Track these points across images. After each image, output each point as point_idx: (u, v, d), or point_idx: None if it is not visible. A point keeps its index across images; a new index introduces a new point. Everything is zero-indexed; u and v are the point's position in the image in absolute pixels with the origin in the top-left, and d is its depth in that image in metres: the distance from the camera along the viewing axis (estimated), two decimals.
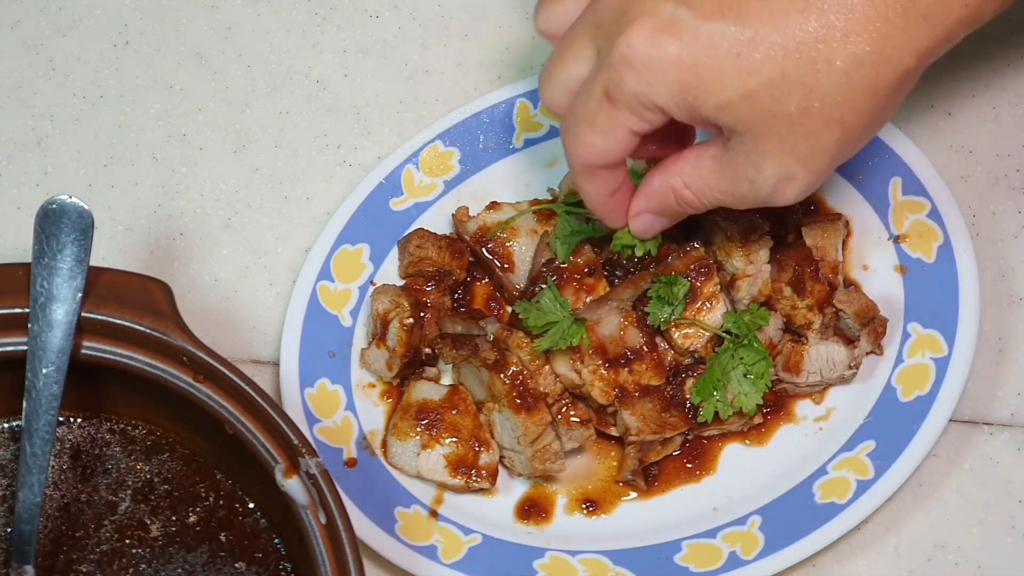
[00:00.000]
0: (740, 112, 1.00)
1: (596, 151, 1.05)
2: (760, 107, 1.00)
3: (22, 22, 1.33)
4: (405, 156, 1.25)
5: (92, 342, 1.07)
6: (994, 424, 1.20)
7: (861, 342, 1.19)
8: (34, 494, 1.05)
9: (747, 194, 1.04)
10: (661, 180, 1.08)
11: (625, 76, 1.01)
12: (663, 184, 1.07)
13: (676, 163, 1.07)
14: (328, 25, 1.33)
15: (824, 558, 1.17)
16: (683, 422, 1.17)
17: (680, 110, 1.01)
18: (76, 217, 1.06)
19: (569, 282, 1.19)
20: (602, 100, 1.03)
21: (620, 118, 1.03)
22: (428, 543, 1.15)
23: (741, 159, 1.02)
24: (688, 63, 0.99)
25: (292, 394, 1.18)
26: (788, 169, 1.02)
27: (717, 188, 1.05)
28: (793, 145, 1.01)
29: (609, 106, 1.03)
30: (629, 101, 1.02)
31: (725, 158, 1.03)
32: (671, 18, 0.99)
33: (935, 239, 1.21)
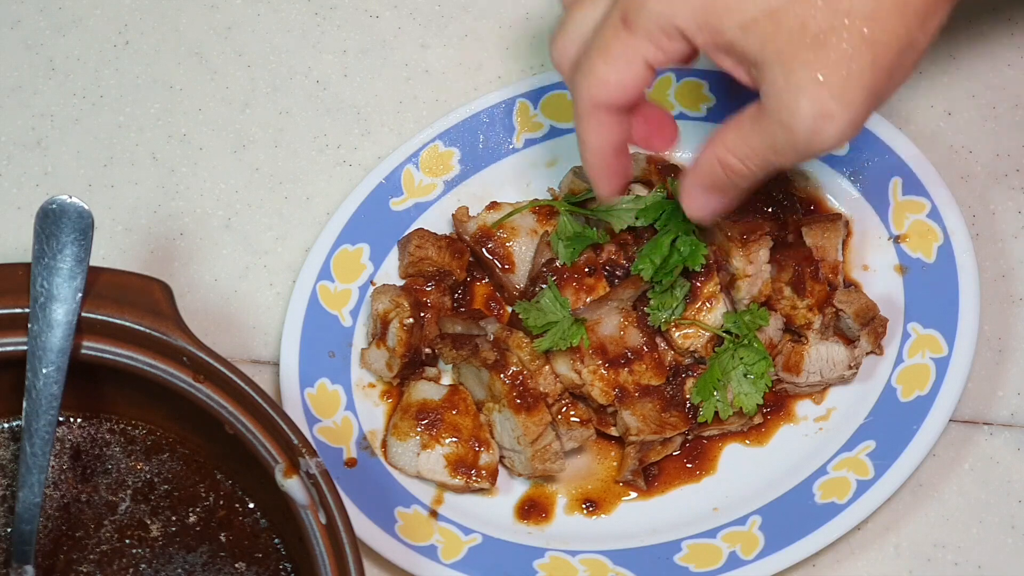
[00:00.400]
0: (765, 31, 0.95)
1: (608, 85, 1.00)
2: (785, 25, 0.95)
3: (22, 22, 1.33)
4: (405, 156, 1.25)
5: (92, 342, 1.07)
6: (994, 424, 1.21)
7: (861, 342, 1.19)
8: (34, 494, 1.05)
9: (786, 143, 0.98)
10: (706, 154, 1.03)
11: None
12: (708, 157, 1.02)
13: (719, 133, 1.02)
14: (328, 25, 1.33)
15: (824, 558, 1.17)
16: (683, 422, 1.17)
17: (702, 32, 0.97)
18: (76, 217, 1.06)
19: (569, 282, 1.19)
20: (618, 26, 0.98)
21: (637, 45, 0.98)
22: (428, 543, 1.15)
23: (773, 102, 0.97)
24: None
25: (292, 394, 1.18)
26: (823, 104, 0.96)
27: (759, 145, 0.99)
28: (825, 73, 0.95)
29: (626, 32, 0.98)
30: (647, 25, 0.97)
31: (760, 112, 0.98)
32: None
33: (935, 239, 1.21)
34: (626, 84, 1.00)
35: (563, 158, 1.26)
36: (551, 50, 1.03)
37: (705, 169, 1.03)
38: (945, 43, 1.30)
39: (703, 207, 1.06)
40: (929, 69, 1.30)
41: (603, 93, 1.00)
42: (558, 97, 1.27)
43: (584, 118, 1.03)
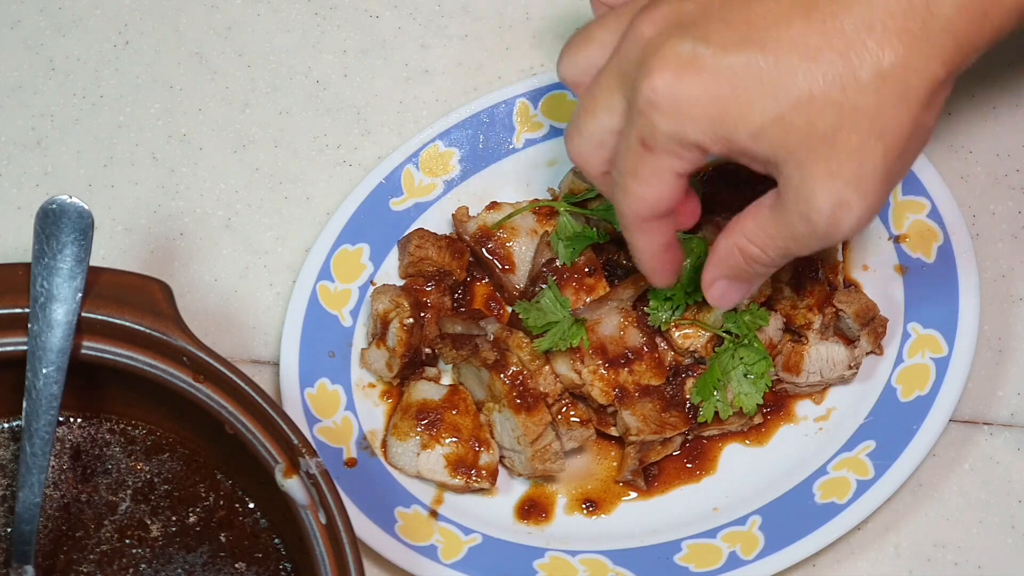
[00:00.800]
0: (775, 137, 0.99)
1: (646, 201, 1.03)
2: (794, 129, 0.98)
3: (22, 22, 1.33)
4: (405, 156, 1.25)
5: (92, 342, 1.07)
6: (994, 424, 1.21)
7: (861, 342, 1.19)
8: (34, 494, 1.05)
9: (806, 233, 1.01)
10: (725, 242, 1.05)
11: (655, 120, 1.00)
12: (728, 246, 1.05)
13: (737, 222, 1.05)
14: (328, 25, 1.33)
15: (824, 558, 1.17)
16: (683, 422, 1.17)
17: (716, 143, 1.00)
18: (76, 217, 1.06)
19: (569, 282, 1.19)
20: (639, 149, 1.02)
21: (661, 163, 1.01)
22: (428, 543, 1.15)
23: (792, 195, 1.00)
24: (714, 97, 0.99)
25: (292, 394, 1.18)
26: (839, 195, 0.99)
27: (778, 236, 1.02)
28: (838, 167, 0.99)
29: (648, 154, 1.01)
30: (665, 144, 1.00)
31: (779, 203, 1.02)
32: (691, 55, 0.99)
33: (935, 239, 1.21)
34: (663, 196, 1.03)
35: (563, 158, 1.26)
36: (569, 148, 1.07)
37: (725, 258, 1.06)
38: None
39: (726, 296, 1.08)
40: None
41: (645, 209, 1.04)
42: (558, 97, 1.27)
43: (633, 231, 1.06)
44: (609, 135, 1.04)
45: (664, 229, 1.06)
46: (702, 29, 0.99)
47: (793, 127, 0.98)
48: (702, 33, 0.99)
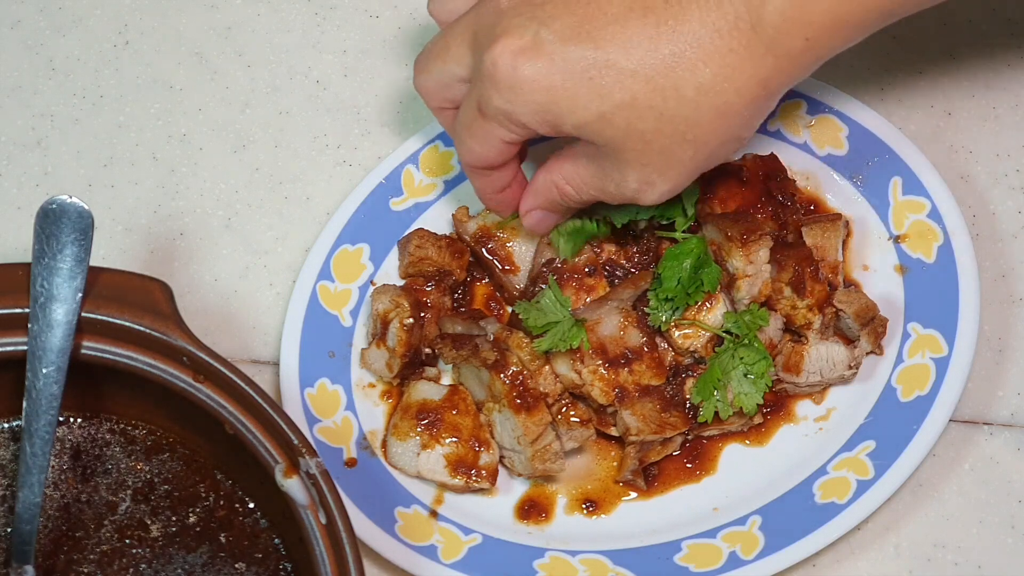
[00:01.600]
0: (597, 130, 1.06)
1: (476, 155, 1.12)
2: (615, 126, 1.05)
3: (22, 22, 1.33)
4: (405, 156, 1.25)
5: (92, 342, 1.07)
6: (994, 424, 1.21)
7: (861, 342, 1.19)
8: (34, 494, 1.05)
9: (615, 193, 1.10)
10: (544, 178, 1.14)
11: (491, 94, 1.07)
12: (546, 181, 1.14)
13: (557, 161, 1.13)
14: (328, 25, 1.33)
15: (824, 558, 1.17)
16: (683, 422, 1.17)
17: (542, 126, 1.07)
18: (76, 217, 1.06)
19: (569, 282, 1.19)
20: (475, 112, 1.09)
21: (492, 129, 1.10)
22: (428, 543, 1.15)
23: (607, 164, 1.09)
24: (545, 85, 1.05)
25: (292, 394, 1.18)
26: (647, 177, 1.08)
27: (591, 184, 1.11)
28: (649, 159, 1.07)
29: (482, 118, 1.09)
30: (496, 116, 1.08)
31: (595, 160, 1.09)
32: (533, 39, 1.05)
33: (935, 239, 1.21)
34: (491, 154, 1.12)
35: None
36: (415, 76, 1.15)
37: (543, 192, 1.15)
38: (945, 43, 1.30)
39: (540, 223, 1.17)
40: (929, 69, 1.30)
41: (474, 160, 1.13)
42: None
43: (468, 173, 1.16)
44: (453, 80, 1.12)
45: (497, 176, 1.15)
46: (548, 13, 1.05)
47: (615, 124, 1.05)
48: (548, 15, 1.05)
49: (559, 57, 1.05)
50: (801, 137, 1.25)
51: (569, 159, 1.12)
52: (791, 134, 1.25)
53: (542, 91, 1.06)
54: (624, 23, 1.04)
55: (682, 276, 1.16)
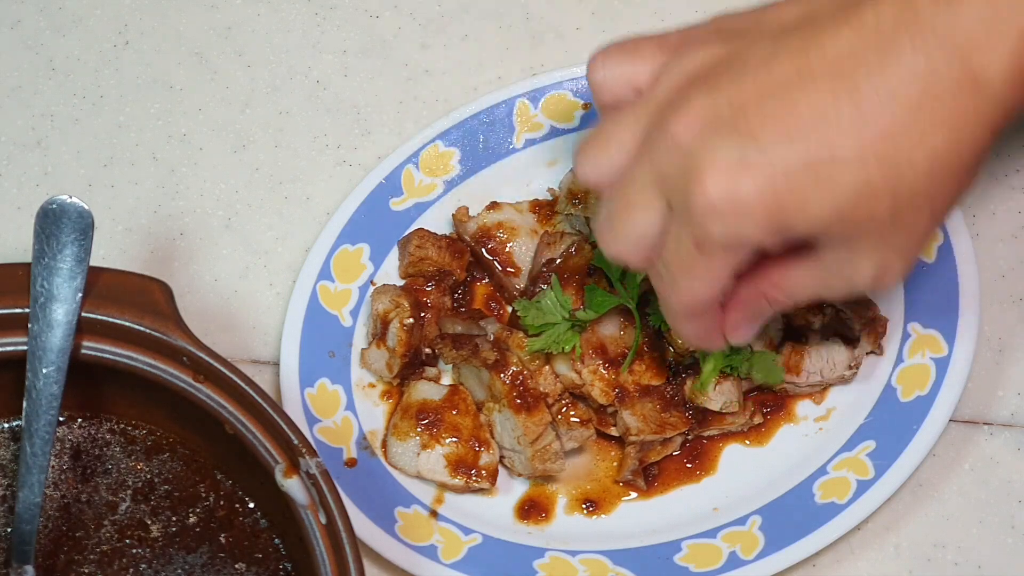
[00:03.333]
0: (831, 228, 0.98)
1: (700, 297, 1.03)
2: (850, 220, 0.97)
3: (22, 22, 1.33)
4: (405, 156, 1.25)
5: (92, 342, 1.07)
6: (994, 424, 1.20)
7: (861, 342, 1.19)
8: (34, 494, 1.05)
9: (842, 289, 1.02)
10: (750, 290, 1.05)
11: (711, 225, 0.98)
12: (754, 293, 1.05)
13: (764, 272, 1.04)
14: (328, 25, 1.33)
15: (824, 558, 1.17)
16: (683, 422, 1.17)
17: (772, 238, 0.99)
18: (76, 217, 1.06)
19: (569, 282, 1.18)
20: (694, 252, 1.00)
21: (717, 262, 1.00)
22: (428, 543, 1.15)
23: (835, 263, 1.00)
24: (769, 194, 0.96)
25: (292, 394, 1.18)
26: (884, 262, 1.00)
27: (811, 287, 1.03)
28: (888, 243, 0.99)
29: (703, 256, 1.00)
30: (722, 246, 0.99)
31: (817, 264, 1.01)
32: (739, 157, 0.96)
33: (935, 239, 1.21)
34: (715, 291, 1.02)
35: (563, 158, 1.26)
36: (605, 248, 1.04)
37: (752, 305, 1.05)
38: None
39: (748, 334, 1.08)
40: None
41: (697, 304, 1.03)
42: (558, 97, 1.27)
43: (682, 320, 1.06)
44: (648, 235, 1.02)
45: (712, 315, 1.05)
46: (744, 126, 0.97)
47: (851, 217, 0.97)
48: (746, 131, 0.96)
49: (776, 162, 0.96)
50: None
51: (779, 270, 1.03)
52: None
53: (768, 201, 0.96)
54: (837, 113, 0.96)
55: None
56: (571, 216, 1.23)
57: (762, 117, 0.97)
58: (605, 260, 1.17)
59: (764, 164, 0.96)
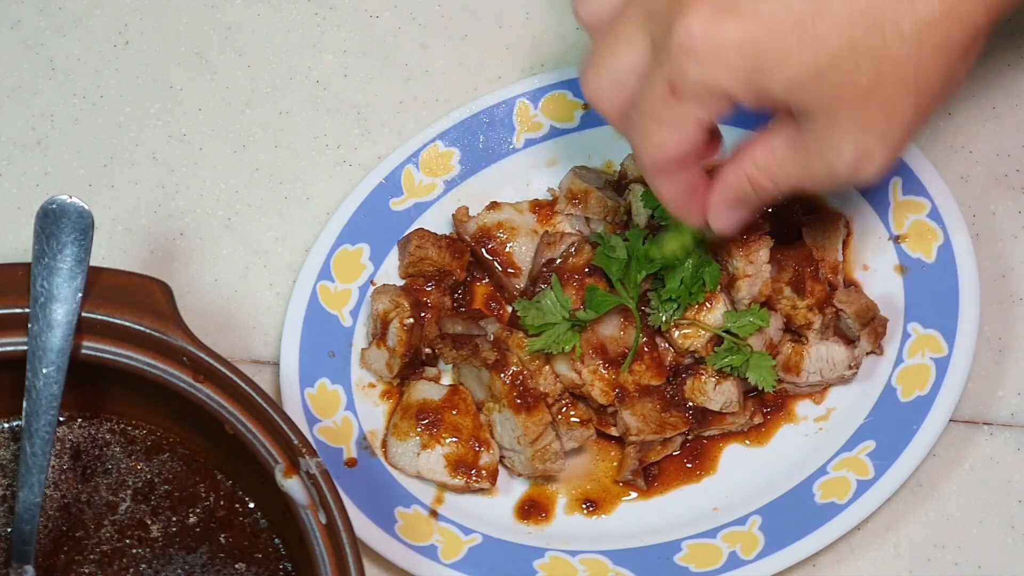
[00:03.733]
0: (810, 89, 0.96)
1: (668, 148, 1.00)
2: (831, 81, 0.95)
3: (22, 22, 1.33)
4: (405, 156, 1.26)
5: (92, 342, 1.07)
6: (994, 424, 1.21)
7: (861, 342, 1.19)
8: (34, 494, 1.05)
9: (824, 175, 1.00)
10: (735, 170, 1.03)
11: (688, 65, 0.96)
12: (737, 174, 1.03)
13: (747, 150, 1.02)
14: (328, 25, 1.33)
15: (824, 558, 1.17)
16: (683, 422, 1.17)
17: (748, 93, 0.97)
18: (76, 217, 1.06)
19: (569, 282, 1.18)
20: (666, 94, 0.98)
21: (687, 110, 0.98)
22: (428, 543, 1.15)
23: (815, 140, 0.98)
24: (751, 43, 0.95)
25: (292, 394, 1.18)
26: (865, 145, 0.97)
27: (792, 171, 1.00)
28: (868, 120, 0.96)
29: (674, 99, 0.98)
30: (695, 90, 0.97)
31: (798, 140, 0.99)
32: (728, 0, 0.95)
33: (935, 239, 1.21)
34: (685, 144, 1.00)
35: (563, 158, 1.26)
36: (584, 85, 1.03)
37: (733, 185, 1.03)
38: None
39: (729, 221, 1.06)
40: None
41: (665, 156, 1.01)
42: (558, 97, 1.27)
43: (654, 175, 1.04)
44: (628, 74, 1.01)
45: (687, 173, 1.03)
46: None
47: (831, 78, 0.95)
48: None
49: (763, 10, 0.94)
50: None
51: (762, 146, 1.01)
52: None
53: (749, 50, 0.94)
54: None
55: (685, 276, 1.16)
56: (571, 216, 1.23)
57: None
58: (605, 260, 1.17)
59: (750, 12, 0.95)
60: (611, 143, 1.26)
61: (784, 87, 0.96)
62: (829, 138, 0.98)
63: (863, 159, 0.98)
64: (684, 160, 1.02)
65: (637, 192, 1.21)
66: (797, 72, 0.95)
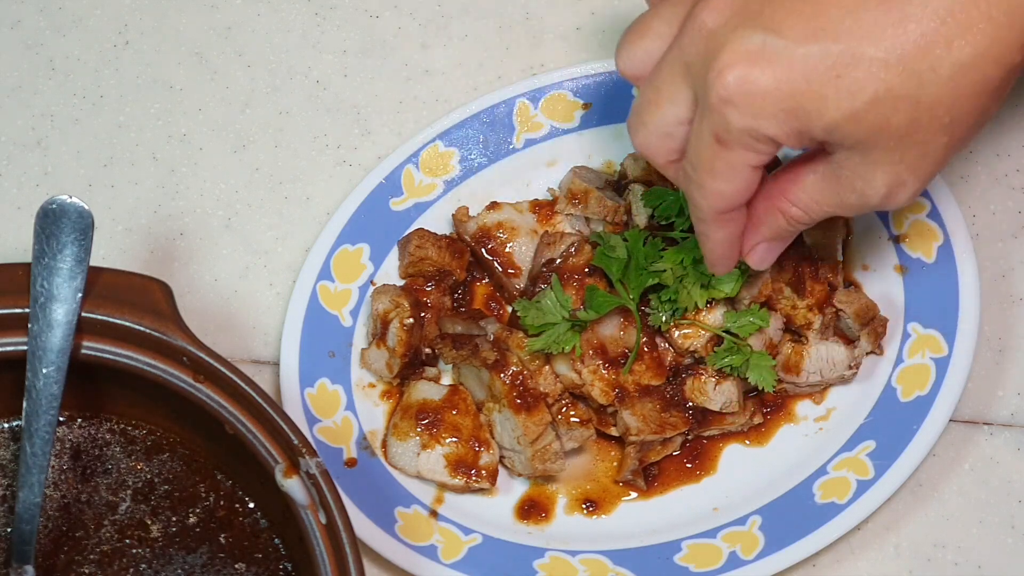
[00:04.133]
0: (847, 131, 0.97)
1: (724, 197, 1.02)
2: (867, 124, 0.97)
3: (22, 22, 1.33)
4: (405, 156, 1.25)
5: (92, 342, 1.07)
6: (994, 424, 1.21)
7: (861, 342, 1.19)
8: (34, 494, 1.05)
9: (856, 204, 1.02)
10: (766, 206, 1.05)
11: (729, 115, 0.97)
12: (770, 209, 1.05)
13: (778, 185, 1.04)
14: (328, 25, 1.33)
15: (824, 558, 1.17)
16: (683, 422, 1.17)
17: (790, 137, 0.98)
18: (76, 217, 1.06)
19: (569, 282, 1.18)
20: (714, 145, 0.99)
21: (738, 157, 0.99)
22: (428, 543, 1.15)
23: (847, 172, 1.00)
24: (787, 91, 0.96)
25: (292, 394, 1.18)
26: (898, 177, 0.99)
27: (825, 202, 1.03)
28: (902, 155, 0.98)
29: (723, 149, 0.99)
30: (740, 139, 0.98)
31: (830, 172, 1.01)
32: (761, 47, 0.96)
33: (935, 239, 1.21)
34: (740, 189, 1.02)
35: (563, 158, 1.26)
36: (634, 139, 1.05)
37: (768, 222, 1.05)
38: None
39: (766, 257, 1.08)
40: None
41: (722, 203, 1.02)
42: (558, 97, 1.27)
43: (709, 224, 1.05)
44: (675, 126, 1.02)
45: (739, 219, 1.05)
46: (770, 18, 0.96)
47: (867, 121, 0.96)
48: (771, 23, 0.96)
49: (798, 59, 0.95)
50: None
51: (793, 181, 1.03)
52: None
53: (786, 97, 0.96)
54: (863, 11, 0.95)
55: (686, 275, 1.16)
56: (571, 216, 1.23)
57: (788, 12, 0.96)
58: (605, 260, 1.17)
59: (784, 58, 0.96)
60: (611, 143, 1.26)
61: (823, 129, 0.97)
62: (863, 171, 0.99)
63: (895, 189, 1.00)
64: (738, 206, 1.04)
65: (637, 192, 1.21)
66: (835, 117, 0.96)
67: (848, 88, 0.96)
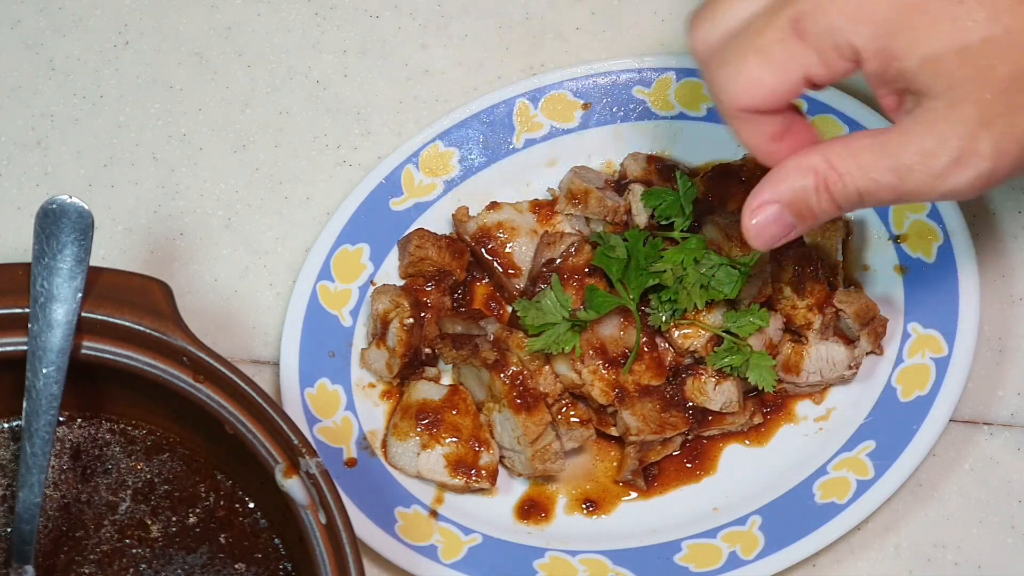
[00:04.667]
0: (946, 66, 0.87)
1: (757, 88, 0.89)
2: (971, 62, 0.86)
3: (22, 22, 1.33)
4: (405, 156, 1.25)
5: (92, 342, 1.07)
6: (994, 424, 1.21)
7: (861, 342, 1.19)
8: (34, 494, 1.05)
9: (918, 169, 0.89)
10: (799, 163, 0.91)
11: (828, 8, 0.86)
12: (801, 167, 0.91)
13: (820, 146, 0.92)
14: (328, 25, 1.33)
15: (824, 558, 1.17)
16: (683, 422, 1.17)
17: (876, 58, 0.87)
18: (76, 217, 1.06)
19: (569, 282, 1.18)
20: (786, 29, 0.88)
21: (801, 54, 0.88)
22: (428, 543, 1.15)
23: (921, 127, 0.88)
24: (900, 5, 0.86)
25: (292, 394, 1.18)
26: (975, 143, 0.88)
27: (872, 168, 0.90)
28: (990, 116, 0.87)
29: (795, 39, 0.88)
30: (820, 35, 0.87)
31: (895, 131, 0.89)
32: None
33: (935, 239, 1.21)
34: (778, 92, 0.90)
35: (563, 158, 1.26)
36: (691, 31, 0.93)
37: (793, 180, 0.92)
38: None
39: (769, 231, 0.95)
40: None
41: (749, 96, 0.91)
42: (558, 97, 1.27)
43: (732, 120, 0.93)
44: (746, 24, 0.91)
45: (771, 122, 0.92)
46: None
47: (972, 61, 0.87)
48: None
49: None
50: None
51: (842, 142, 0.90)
52: None
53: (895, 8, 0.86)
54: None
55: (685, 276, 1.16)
56: (571, 216, 1.23)
57: None
58: (605, 260, 1.17)
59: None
60: (611, 143, 1.26)
61: (919, 60, 0.88)
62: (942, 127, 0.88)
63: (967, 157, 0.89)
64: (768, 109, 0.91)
65: (637, 192, 1.21)
66: (941, 46, 0.87)
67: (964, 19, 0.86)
